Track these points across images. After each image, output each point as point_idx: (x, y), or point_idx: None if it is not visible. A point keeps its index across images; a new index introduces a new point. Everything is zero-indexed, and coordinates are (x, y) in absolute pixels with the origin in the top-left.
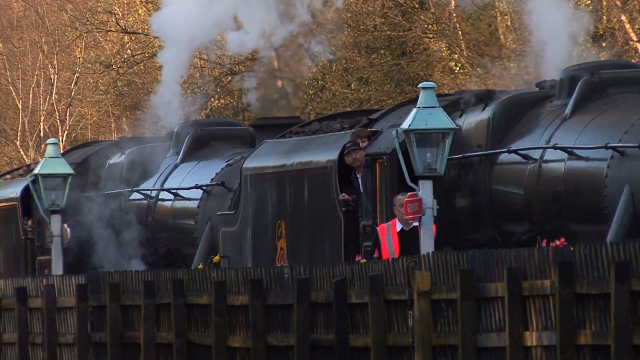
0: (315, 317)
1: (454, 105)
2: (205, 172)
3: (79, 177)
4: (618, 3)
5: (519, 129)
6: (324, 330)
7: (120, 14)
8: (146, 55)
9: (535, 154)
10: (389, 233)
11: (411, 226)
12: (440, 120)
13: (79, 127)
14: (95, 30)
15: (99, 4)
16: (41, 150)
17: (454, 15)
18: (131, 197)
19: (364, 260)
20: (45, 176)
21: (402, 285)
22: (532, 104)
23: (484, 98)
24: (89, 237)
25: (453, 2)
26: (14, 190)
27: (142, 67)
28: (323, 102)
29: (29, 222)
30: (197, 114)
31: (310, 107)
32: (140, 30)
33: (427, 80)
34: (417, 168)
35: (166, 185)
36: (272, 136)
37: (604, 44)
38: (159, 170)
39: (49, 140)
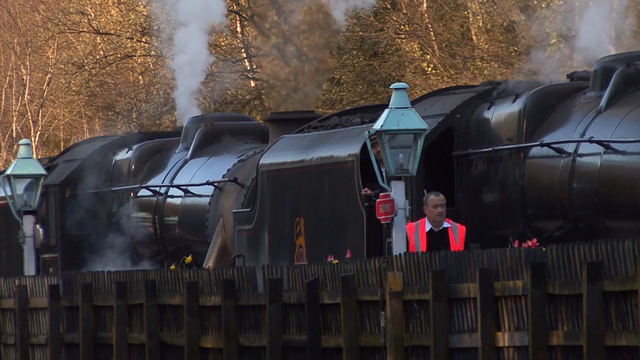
0: (287, 317)
1: (481, 97)
2: (216, 168)
3: (84, 174)
4: (590, 3)
5: (551, 121)
6: (296, 330)
7: (92, 14)
8: (118, 56)
9: (570, 148)
10: (417, 232)
11: (441, 227)
12: (412, 121)
13: (52, 127)
14: (68, 31)
15: (72, 5)
16: (13, 151)
17: (426, 16)
18: (139, 194)
19: (336, 261)
20: (18, 177)
21: (375, 286)
22: (564, 96)
23: (514, 90)
24: (94, 235)
25: (425, 3)
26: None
27: (114, 67)
28: (295, 103)
29: (33, 219)
30: (171, 114)
31: (284, 108)
32: (112, 31)
33: (399, 81)
34: (389, 169)
35: (175, 182)
36: (285, 131)
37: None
38: (167, 166)
39: (22, 141)
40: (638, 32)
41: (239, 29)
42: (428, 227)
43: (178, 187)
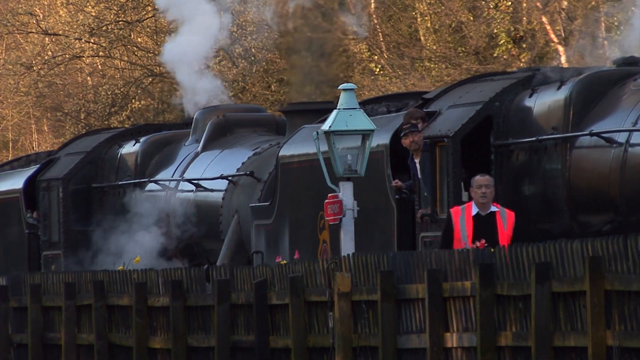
0: (235, 318)
1: (522, 84)
2: (229, 161)
3: (88, 167)
4: (539, 5)
5: (599, 109)
6: (245, 331)
7: (41, 15)
8: (67, 56)
9: (621, 137)
10: (463, 216)
11: (488, 211)
12: (361, 121)
13: (0, 128)
14: (16, 31)
15: (20, 6)
16: None
17: (374, 16)
18: (147, 188)
19: (285, 262)
20: None
21: (323, 287)
22: (613, 83)
23: (558, 76)
24: (99, 231)
25: (373, 4)
26: (16, 182)
27: (62, 68)
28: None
29: (34, 215)
30: (120, 115)
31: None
32: (60, 32)
33: (348, 82)
34: (338, 169)
35: (186, 176)
36: (304, 122)
37: (524, 45)
38: (177, 159)
39: None
40: None
41: None
42: (475, 211)
43: (189, 181)
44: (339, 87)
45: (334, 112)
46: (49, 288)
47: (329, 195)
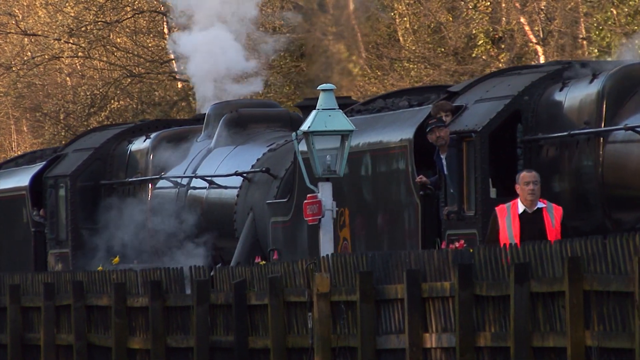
0: (215, 318)
1: (551, 78)
2: (244, 157)
3: (96, 164)
4: (517, 5)
5: (633, 103)
6: (224, 331)
7: (20, 16)
8: (46, 57)
9: None
10: (509, 216)
11: (535, 208)
12: (340, 122)
13: None
14: None
15: None
16: None
17: (353, 17)
18: (158, 185)
19: (263, 262)
20: None
21: (302, 287)
22: None
23: (589, 70)
24: (108, 230)
25: (352, 4)
26: (22, 179)
27: (41, 69)
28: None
29: (41, 213)
30: (99, 115)
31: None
32: (40, 32)
33: (327, 82)
34: (317, 170)
35: (199, 172)
36: None
37: (503, 46)
38: (189, 155)
39: None
40: None
41: (166, 30)
42: (521, 208)
43: (202, 178)
44: (317, 88)
45: (313, 113)
46: (28, 288)
47: (308, 195)
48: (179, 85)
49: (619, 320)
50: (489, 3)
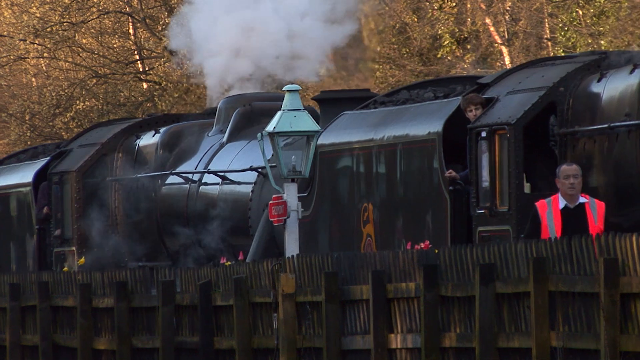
0: (180, 319)
1: (588, 68)
2: (258, 152)
3: (103, 159)
4: (483, 6)
5: None
6: (189, 332)
7: None
8: (11, 57)
9: None
10: (550, 211)
11: (577, 203)
12: (305, 122)
13: None
14: None
15: None
16: None
17: None
18: (168, 181)
19: (229, 263)
20: None
21: (267, 288)
22: None
23: (627, 60)
24: (115, 227)
25: None
26: (25, 175)
27: (7, 69)
28: (188, 105)
29: (45, 209)
30: (64, 116)
31: (176, 110)
32: (5, 33)
33: (292, 83)
34: (282, 171)
35: (211, 168)
36: (338, 111)
37: (468, 46)
38: (200, 150)
39: None
40: None
41: (131, 31)
42: (562, 203)
43: (215, 173)
44: (283, 88)
45: (278, 113)
46: None
47: (273, 196)
48: (144, 85)
49: (584, 321)
50: (454, 4)
